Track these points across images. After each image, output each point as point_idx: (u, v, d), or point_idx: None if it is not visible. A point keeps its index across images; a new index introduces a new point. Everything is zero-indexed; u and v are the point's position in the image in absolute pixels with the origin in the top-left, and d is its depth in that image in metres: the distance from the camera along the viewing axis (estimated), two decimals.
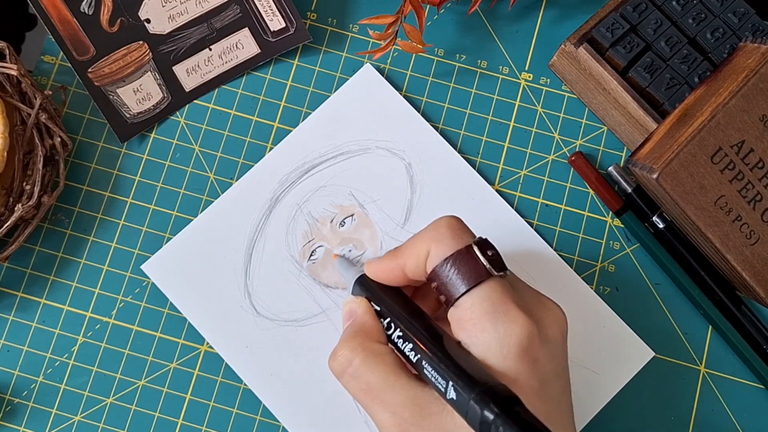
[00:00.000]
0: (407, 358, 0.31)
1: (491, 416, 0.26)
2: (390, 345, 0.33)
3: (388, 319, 0.33)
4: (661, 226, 0.44)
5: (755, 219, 0.40)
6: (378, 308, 0.34)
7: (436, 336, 0.31)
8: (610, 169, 0.45)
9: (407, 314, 0.33)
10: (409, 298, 0.35)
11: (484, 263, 0.31)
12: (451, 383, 0.28)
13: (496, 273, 0.31)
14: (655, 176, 0.38)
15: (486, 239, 0.32)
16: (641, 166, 0.40)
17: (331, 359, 0.33)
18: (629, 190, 0.44)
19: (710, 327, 0.44)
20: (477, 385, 0.27)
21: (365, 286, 0.36)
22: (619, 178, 0.45)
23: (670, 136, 0.40)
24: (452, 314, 0.31)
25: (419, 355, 0.30)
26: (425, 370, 0.30)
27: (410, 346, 0.31)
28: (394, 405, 0.31)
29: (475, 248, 0.31)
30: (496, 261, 0.31)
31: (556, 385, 0.31)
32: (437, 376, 0.29)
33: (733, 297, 0.44)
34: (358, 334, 0.33)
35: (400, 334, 0.32)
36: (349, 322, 0.34)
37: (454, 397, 0.28)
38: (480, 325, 0.30)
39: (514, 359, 0.30)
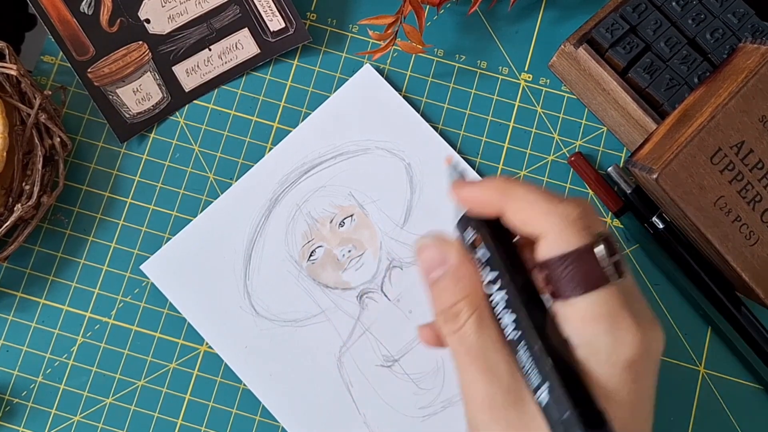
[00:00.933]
0: (500, 326, 0.28)
1: None
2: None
3: (495, 274, 0.29)
4: (660, 226, 0.44)
5: (755, 220, 0.40)
6: (479, 255, 0.30)
7: (540, 319, 0.28)
8: (610, 169, 0.45)
9: (512, 276, 0.29)
10: (518, 254, 0.30)
11: (606, 269, 0.28)
12: (546, 387, 0.26)
13: (618, 279, 0.28)
14: (654, 177, 0.38)
15: (610, 238, 0.28)
16: (641, 166, 0.40)
17: (440, 311, 0.30)
18: (629, 190, 0.44)
19: (709, 328, 0.44)
20: (573, 403, 0.25)
21: (466, 223, 0.30)
22: (619, 179, 0.45)
23: (669, 137, 0.40)
24: (560, 308, 0.28)
25: (520, 336, 0.28)
26: (521, 357, 0.27)
27: (513, 317, 0.28)
28: (493, 375, 0.28)
29: (599, 251, 0.28)
30: (619, 265, 0.28)
31: (648, 405, 0.29)
32: (534, 370, 0.27)
33: (733, 298, 0.44)
34: (465, 286, 0.29)
35: (505, 298, 0.28)
36: (437, 267, 0.30)
37: (545, 402, 0.26)
38: (592, 328, 0.28)
39: (620, 370, 0.28)
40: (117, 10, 0.45)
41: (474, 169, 0.45)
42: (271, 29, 0.46)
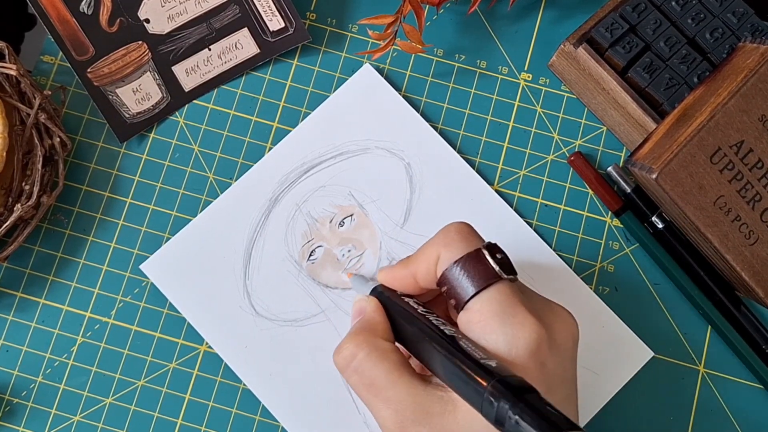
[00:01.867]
0: (430, 339, 0.31)
1: (506, 406, 0.26)
2: (396, 344, 0.33)
3: (424, 309, 0.33)
4: (660, 226, 0.44)
5: (754, 219, 0.40)
6: (390, 309, 0.34)
7: (449, 332, 0.31)
8: (610, 169, 0.45)
9: (420, 314, 0.33)
10: (421, 302, 0.35)
11: (494, 266, 0.31)
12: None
13: (505, 276, 0.31)
14: (654, 176, 0.38)
15: (495, 244, 0.32)
16: (640, 166, 0.40)
17: (336, 353, 0.33)
18: (628, 190, 0.44)
19: (709, 327, 0.44)
20: (491, 376, 0.27)
21: (379, 296, 0.36)
22: (619, 178, 0.45)
23: (669, 137, 0.40)
24: (462, 318, 0.31)
25: (454, 334, 0.30)
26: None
27: (451, 328, 0.31)
28: (396, 402, 0.31)
29: (485, 251, 0.31)
30: (506, 264, 0.32)
31: (561, 391, 0.31)
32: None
33: (733, 297, 0.44)
34: (364, 329, 0.33)
35: (436, 318, 0.32)
36: (357, 319, 0.34)
37: (488, 369, 0.28)
38: (489, 326, 0.30)
39: (521, 361, 0.30)
40: (116, 10, 0.45)
41: (474, 168, 0.45)
42: (271, 29, 0.46)
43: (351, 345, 0.32)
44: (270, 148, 0.45)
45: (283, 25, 0.46)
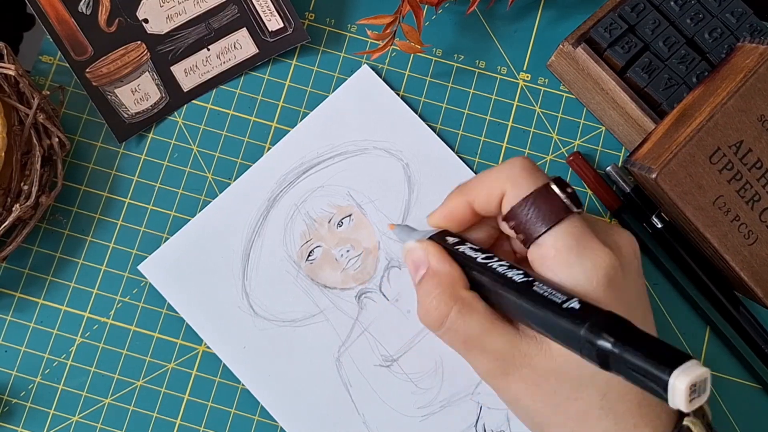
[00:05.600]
0: (505, 290, 0.31)
1: (608, 344, 0.25)
2: (475, 292, 0.33)
3: (483, 255, 0.32)
4: (659, 226, 0.44)
5: (753, 219, 0.40)
6: (457, 250, 0.33)
7: (520, 279, 0.30)
8: (609, 169, 0.45)
9: (482, 262, 0.32)
10: (478, 247, 0.34)
11: (565, 201, 0.31)
12: (566, 305, 0.28)
13: (575, 210, 0.31)
14: (653, 176, 0.38)
15: (561, 178, 0.32)
16: (640, 166, 0.40)
17: (424, 314, 0.33)
18: (627, 190, 0.44)
19: (708, 327, 0.44)
20: (581, 318, 0.27)
21: (441, 235, 0.35)
22: (618, 178, 0.45)
23: (668, 137, 0.40)
24: (533, 253, 0.31)
25: (526, 280, 0.30)
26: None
27: (518, 271, 0.31)
28: (494, 351, 0.31)
29: (555, 186, 0.31)
30: (575, 197, 0.31)
31: (641, 309, 0.32)
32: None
33: (731, 297, 0.44)
34: (442, 283, 0.32)
35: (500, 263, 0.31)
36: (420, 272, 0.33)
37: (574, 312, 0.27)
38: (566, 260, 0.30)
39: (602, 291, 0.30)
40: (115, 10, 0.45)
41: (473, 169, 0.45)
42: (270, 29, 0.46)
43: (439, 303, 0.32)
44: (269, 148, 0.45)
45: (281, 25, 0.46)
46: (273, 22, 0.46)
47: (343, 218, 0.44)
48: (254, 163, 0.44)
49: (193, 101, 0.46)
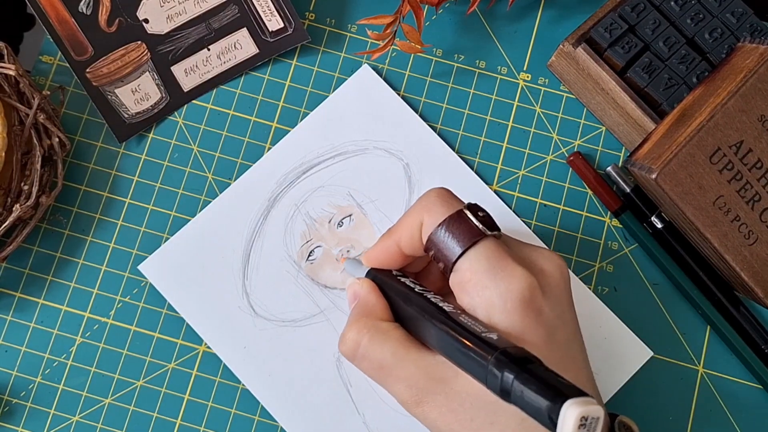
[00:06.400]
0: (428, 319, 0.31)
1: (511, 377, 0.26)
2: (395, 322, 0.33)
3: (421, 287, 0.33)
4: (659, 226, 0.44)
5: (754, 219, 0.40)
6: (386, 290, 0.35)
7: (447, 308, 0.31)
8: (609, 169, 0.45)
9: (417, 293, 0.33)
10: (416, 281, 0.35)
11: (477, 224, 0.31)
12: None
13: (489, 233, 0.31)
14: (653, 176, 0.38)
15: (476, 203, 0.33)
16: (640, 166, 0.40)
17: (341, 343, 0.33)
18: (628, 190, 0.44)
19: (708, 327, 0.44)
20: (493, 348, 0.27)
21: (373, 279, 0.36)
22: (618, 179, 0.45)
23: (668, 137, 0.40)
24: (453, 280, 0.32)
25: (455, 310, 0.30)
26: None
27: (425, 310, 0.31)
28: (408, 377, 0.31)
29: (467, 211, 0.32)
30: (488, 221, 0.32)
31: (564, 332, 0.32)
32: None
33: (732, 297, 0.44)
34: (362, 314, 0.33)
35: (435, 295, 0.32)
36: (353, 303, 0.35)
37: (491, 341, 0.28)
38: (480, 283, 0.31)
39: (518, 313, 0.30)
40: (115, 10, 0.45)
41: (473, 169, 0.45)
42: (270, 29, 0.46)
43: (353, 332, 0.33)
44: (269, 148, 0.45)
45: (282, 25, 0.46)
46: (273, 22, 0.46)
47: (343, 218, 0.44)
48: (254, 163, 0.44)
49: (194, 101, 0.46)
